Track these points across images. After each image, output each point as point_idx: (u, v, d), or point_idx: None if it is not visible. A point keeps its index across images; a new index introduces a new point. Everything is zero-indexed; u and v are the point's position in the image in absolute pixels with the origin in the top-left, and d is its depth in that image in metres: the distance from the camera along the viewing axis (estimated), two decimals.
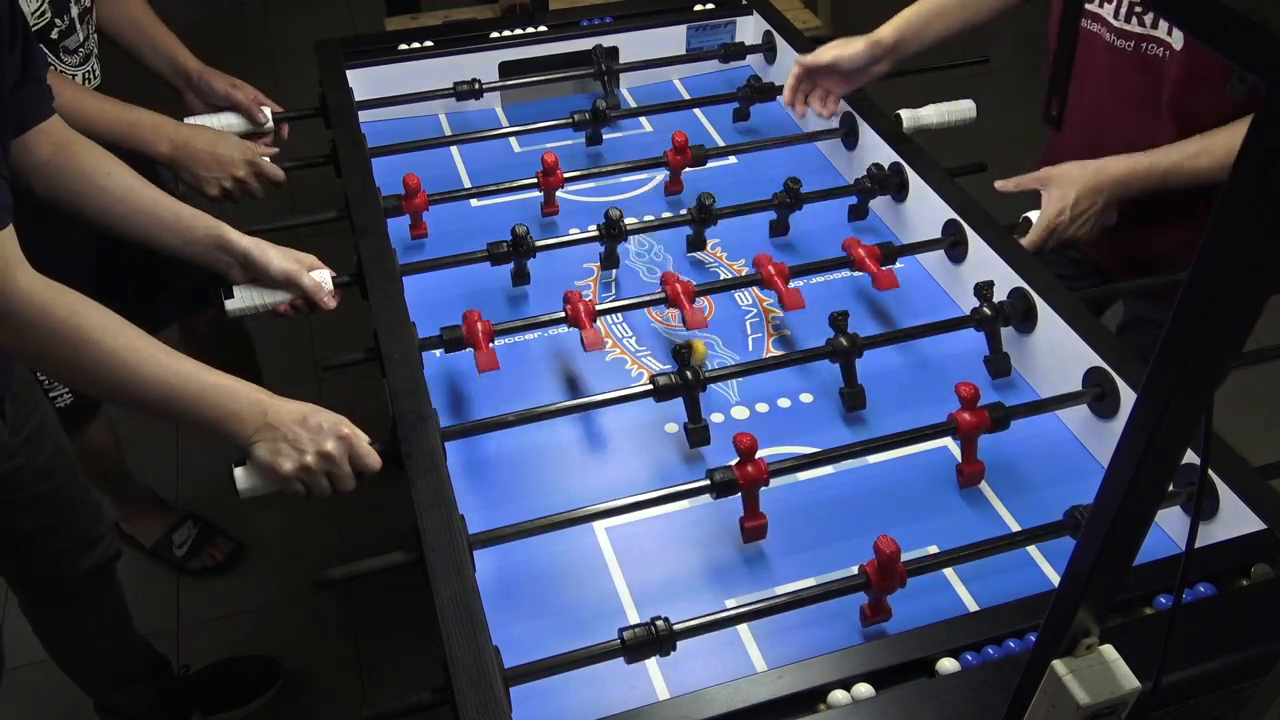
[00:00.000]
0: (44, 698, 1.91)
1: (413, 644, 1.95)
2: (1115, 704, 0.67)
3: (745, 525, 1.09)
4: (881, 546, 0.96)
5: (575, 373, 1.33)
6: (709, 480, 1.06)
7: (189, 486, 2.31)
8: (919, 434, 1.15)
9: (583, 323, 1.28)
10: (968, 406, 1.13)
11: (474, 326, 1.25)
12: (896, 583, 0.98)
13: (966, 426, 1.13)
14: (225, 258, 1.29)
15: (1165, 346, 0.53)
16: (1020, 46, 3.78)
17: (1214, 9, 0.46)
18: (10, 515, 1.38)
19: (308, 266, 1.32)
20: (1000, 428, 1.14)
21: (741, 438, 1.05)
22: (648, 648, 0.92)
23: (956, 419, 1.13)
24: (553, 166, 1.53)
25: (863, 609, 1.01)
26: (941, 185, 1.47)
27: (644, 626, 0.93)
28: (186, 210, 1.28)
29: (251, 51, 3.94)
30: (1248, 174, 0.46)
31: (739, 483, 1.06)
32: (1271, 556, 0.99)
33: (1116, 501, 0.58)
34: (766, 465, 1.06)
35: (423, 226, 1.52)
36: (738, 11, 1.95)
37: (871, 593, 0.99)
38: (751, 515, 1.09)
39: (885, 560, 0.96)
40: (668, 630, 0.92)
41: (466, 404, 1.29)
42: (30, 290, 0.99)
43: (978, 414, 1.13)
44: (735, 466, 1.06)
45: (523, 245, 1.39)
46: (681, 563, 1.10)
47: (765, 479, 1.07)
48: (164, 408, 1.06)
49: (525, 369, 1.35)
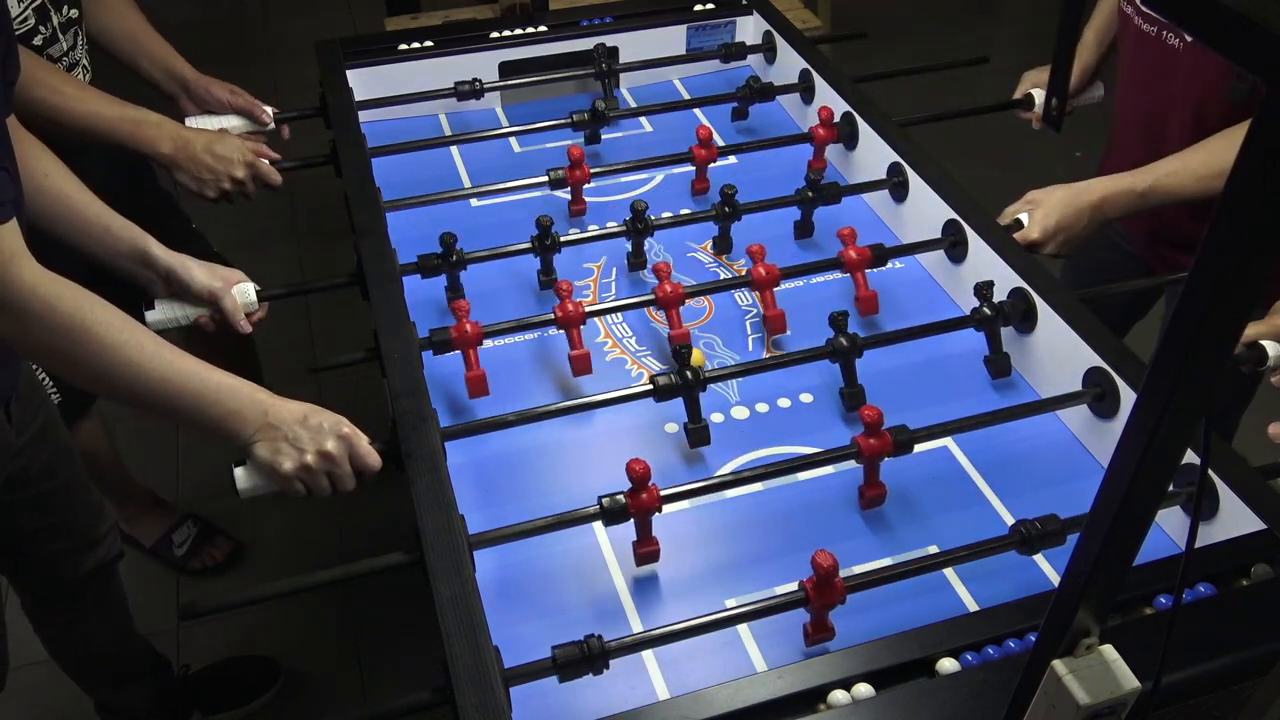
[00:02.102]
0: (44, 698, 1.91)
1: (413, 644, 1.95)
2: (1115, 704, 0.67)
3: (638, 550, 1.08)
4: (819, 561, 0.95)
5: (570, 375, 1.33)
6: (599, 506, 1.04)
7: (189, 486, 2.31)
8: (823, 457, 1.12)
9: (573, 339, 1.28)
10: (871, 431, 1.11)
11: (464, 330, 1.25)
12: (838, 598, 0.97)
13: (869, 450, 1.11)
14: (148, 273, 1.30)
15: (1165, 346, 0.53)
16: (1021, 46, 3.79)
17: (1214, 9, 0.46)
18: (13, 515, 1.38)
19: (232, 283, 1.33)
20: (903, 451, 1.12)
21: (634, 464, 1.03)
22: (580, 666, 0.91)
23: (859, 443, 1.11)
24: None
25: (805, 627, 1.00)
26: (941, 185, 1.47)
27: (575, 645, 0.91)
28: (117, 222, 1.28)
29: (252, 51, 3.94)
30: (1248, 174, 0.46)
31: (629, 510, 1.04)
32: (1271, 556, 0.99)
33: (1116, 501, 0.58)
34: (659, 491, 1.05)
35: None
36: (738, 11, 1.95)
37: (812, 609, 0.98)
38: (644, 542, 1.07)
39: (824, 575, 0.95)
40: (599, 649, 0.91)
41: (466, 404, 1.29)
42: (35, 283, 0.99)
43: (881, 438, 1.11)
44: (627, 495, 1.04)
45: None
46: (681, 563, 1.10)
47: (658, 506, 1.05)
48: (165, 405, 1.06)
49: (525, 369, 1.35)
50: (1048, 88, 1.59)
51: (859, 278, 1.39)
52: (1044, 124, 1.62)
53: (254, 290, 1.34)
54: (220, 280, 1.32)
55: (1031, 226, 1.43)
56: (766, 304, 1.36)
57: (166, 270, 1.30)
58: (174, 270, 1.30)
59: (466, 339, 1.25)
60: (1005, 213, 1.48)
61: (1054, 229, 1.42)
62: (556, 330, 1.31)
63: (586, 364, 1.30)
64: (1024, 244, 1.42)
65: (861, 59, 2.99)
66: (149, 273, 1.30)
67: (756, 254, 1.36)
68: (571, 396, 1.29)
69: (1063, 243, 1.43)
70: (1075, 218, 1.42)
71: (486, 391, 1.26)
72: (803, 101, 1.79)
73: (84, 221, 1.26)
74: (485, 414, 1.21)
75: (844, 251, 1.39)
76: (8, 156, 1.02)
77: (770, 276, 1.35)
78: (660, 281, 1.32)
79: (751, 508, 1.16)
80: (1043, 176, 1.58)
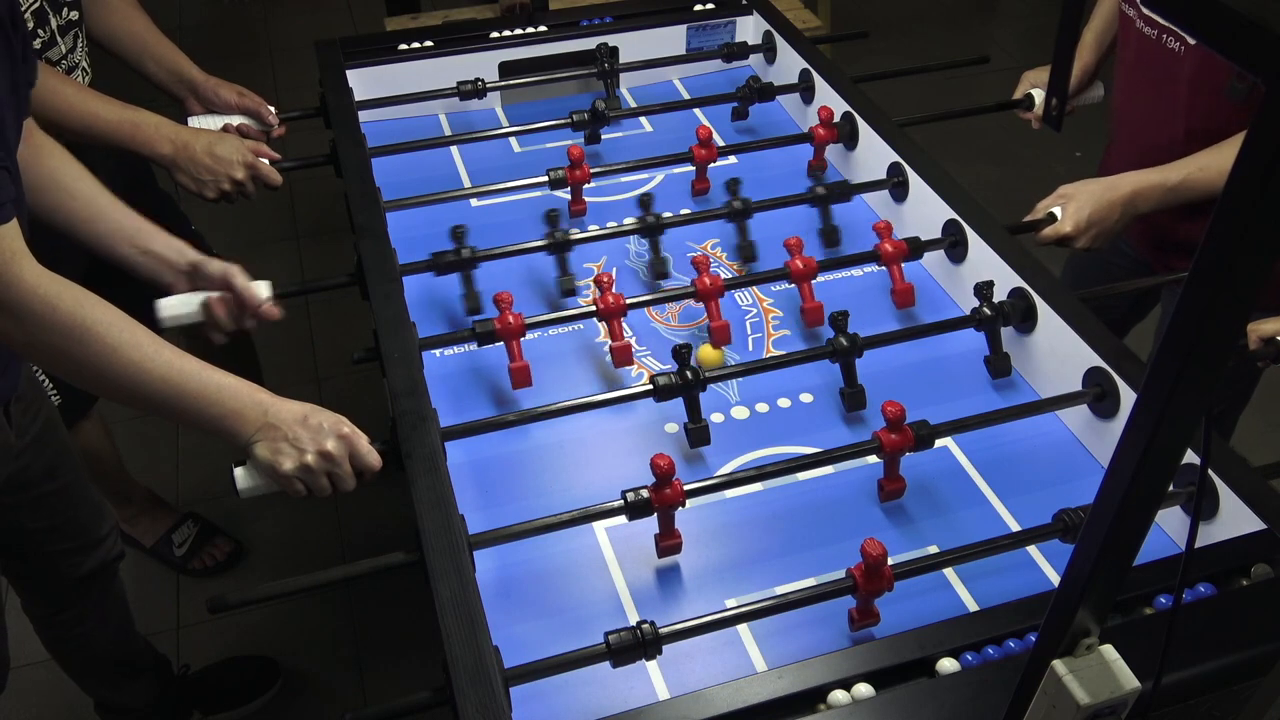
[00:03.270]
0: (44, 697, 1.91)
1: (413, 644, 1.95)
2: (1115, 704, 0.67)
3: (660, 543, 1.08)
4: (868, 549, 0.96)
5: (575, 372, 1.33)
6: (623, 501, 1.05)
7: (189, 486, 2.31)
8: (844, 452, 1.13)
9: (614, 330, 1.29)
10: (893, 427, 1.11)
11: (507, 321, 1.25)
12: (885, 586, 0.98)
13: (890, 445, 1.11)
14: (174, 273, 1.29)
15: (1165, 346, 0.53)
16: (1021, 46, 3.79)
17: (1214, 9, 0.46)
18: (15, 516, 1.38)
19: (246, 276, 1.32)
20: (925, 446, 1.12)
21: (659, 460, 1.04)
22: (632, 652, 0.92)
23: (880, 437, 1.12)
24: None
25: (850, 613, 1.01)
26: (941, 185, 1.47)
27: (629, 630, 0.92)
28: (146, 223, 1.28)
29: (252, 51, 3.94)
30: (1248, 174, 0.46)
31: (653, 504, 1.05)
32: (1271, 556, 0.99)
33: (1116, 501, 0.58)
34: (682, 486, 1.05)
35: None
36: (738, 11, 1.95)
37: (859, 595, 0.99)
38: (667, 535, 1.08)
39: (872, 563, 0.96)
40: (653, 634, 0.92)
41: (466, 404, 1.29)
42: (36, 283, 0.99)
43: (903, 433, 1.11)
44: (650, 489, 1.05)
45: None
46: (682, 563, 1.10)
47: (682, 501, 1.05)
48: (166, 405, 1.06)
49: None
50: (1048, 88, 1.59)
51: (895, 271, 1.40)
52: (1044, 124, 1.63)
53: (268, 286, 1.32)
54: (235, 268, 1.30)
55: (1064, 220, 1.43)
56: (805, 297, 1.36)
57: (191, 267, 1.29)
58: (199, 266, 1.29)
59: (510, 330, 1.26)
60: (1037, 207, 1.47)
61: (1086, 223, 1.41)
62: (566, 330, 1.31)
63: (628, 355, 1.30)
64: (1056, 238, 1.42)
65: (861, 59, 3.00)
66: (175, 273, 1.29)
67: (794, 246, 1.36)
68: (609, 388, 1.29)
69: (1095, 236, 1.43)
70: (1108, 211, 1.42)
71: (530, 382, 1.27)
72: (803, 101, 1.79)
73: (118, 223, 1.26)
74: (486, 413, 1.21)
75: (880, 245, 1.39)
76: (9, 157, 1.02)
77: (808, 269, 1.35)
78: (700, 274, 1.33)
79: (751, 508, 1.16)
80: (1043, 176, 1.58)
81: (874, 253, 1.40)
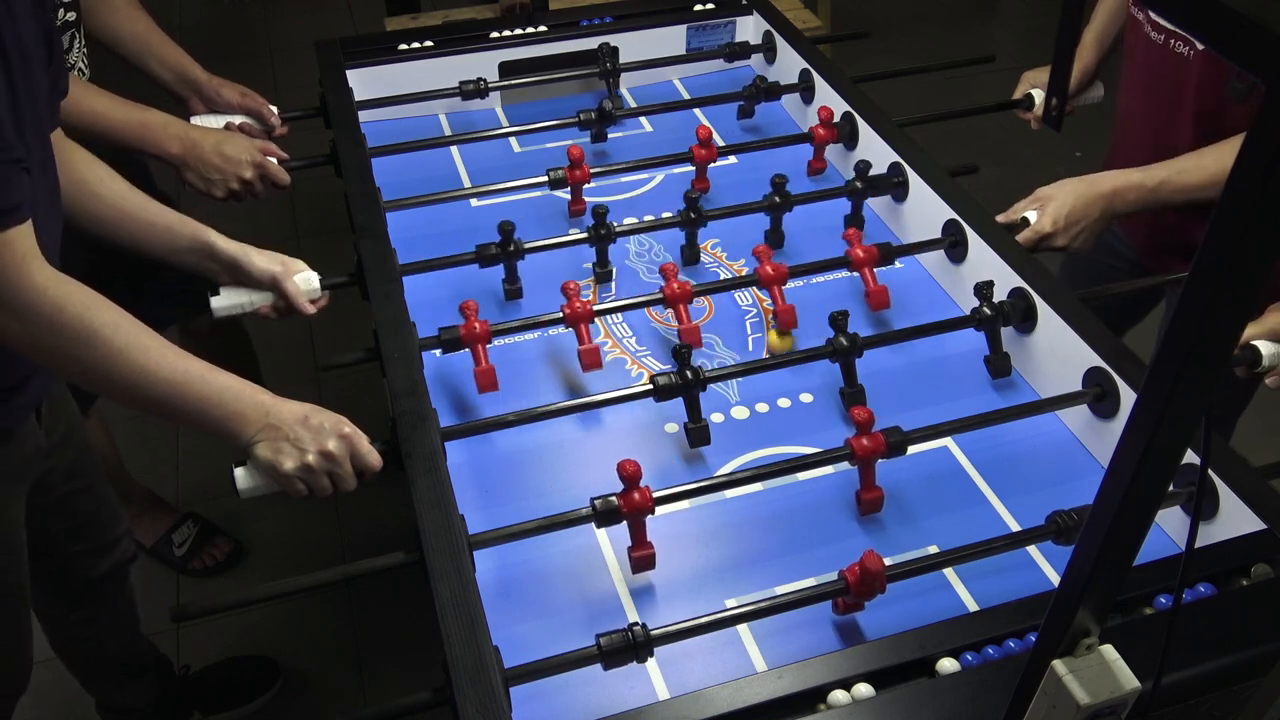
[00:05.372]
0: (46, 697, 1.91)
1: (413, 644, 1.95)
2: (1115, 704, 0.67)
3: (632, 555, 1.07)
4: (868, 564, 0.96)
5: (575, 372, 1.33)
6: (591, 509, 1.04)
7: (189, 486, 2.31)
8: (819, 458, 1.12)
9: (581, 334, 1.28)
10: (864, 431, 1.11)
11: (473, 328, 1.25)
12: (878, 589, 0.97)
13: (863, 451, 1.11)
14: (211, 264, 1.31)
15: (1165, 346, 0.53)
16: (1021, 46, 3.79)
17: (1214, 9, 0.46)
18: (42, 516, 1.38)
19: (293, 271, 1.34)
20: (897, 452, 1.11)
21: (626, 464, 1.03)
22: (624, 654, 0.92)
23: (852, 444, 1.11)
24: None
25: (836, 601, 1.01)
26: (941, 185, 1.47)
27: (621, 632, 0.92)
28: (175, 217, 1.29)
29: (252, 51, 3.94)
30: (1248, 174, 0.46)
31: (622, 511, 1.03)
32: (1271, 556, 0.99)
33: (1116, 501, 0.58)
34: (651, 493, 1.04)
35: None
36: (738, 11, 1.95)
37: (849, 596, 0.99)
38: (639, 545, 1.06)
39: (868, 576, 0.96)
40: (644, 636, 0.91)
41: (466, 404, 1.29)
42: (45, 285, 1.00)
43: (873, 439, 1.11)
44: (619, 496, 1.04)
45: (511, 245, 1.39)
46: (681, 563, 1.10)
47: (650, 508, 1.04)
48: (169, 406, 1.06)
49: (525, 369, 1.35)
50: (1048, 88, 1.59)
51: (867, 274, 1.39)
52: (1044, 124, 1.62)
53: (317, 279, 1.35)
54: (280, 265, 1.33)
55: (1044, 218, 1.42)
56: (776, 299, 1.36)
57: (230, 259, 1.30)
58: (237, 258, 1.30)
59: (475, 336, 1.25)
60: (1013, 208, 1.47)
61: (1066, 220, 1.41)
62: (566, 329, 1.31)
63: (596, 358, 1.29)
64: (1036, 238, 1.42)
65: (861, 59, 3.00)
66: (212, 264, 1.31)
67: (762, 254, 1.36)
68: (579, 393, 1.29)
69: (1075, 235, 1.42)
70: (1087, 209, 1.41)
71: (496, 386, 1.26)
72: (803, 101, 1.79)
73: (147, 221, 1.27)
74: (486, 413, 1.21)
75: (850, 251, 1.39)
76: (30, 158, 1.02)
77: (778, 274, 1.35)
78: (668, 280, 1.32)
79: (751, 508, 1.16)
80: (1043, 176, 1.58)
81: (845, 259, 1.39)
